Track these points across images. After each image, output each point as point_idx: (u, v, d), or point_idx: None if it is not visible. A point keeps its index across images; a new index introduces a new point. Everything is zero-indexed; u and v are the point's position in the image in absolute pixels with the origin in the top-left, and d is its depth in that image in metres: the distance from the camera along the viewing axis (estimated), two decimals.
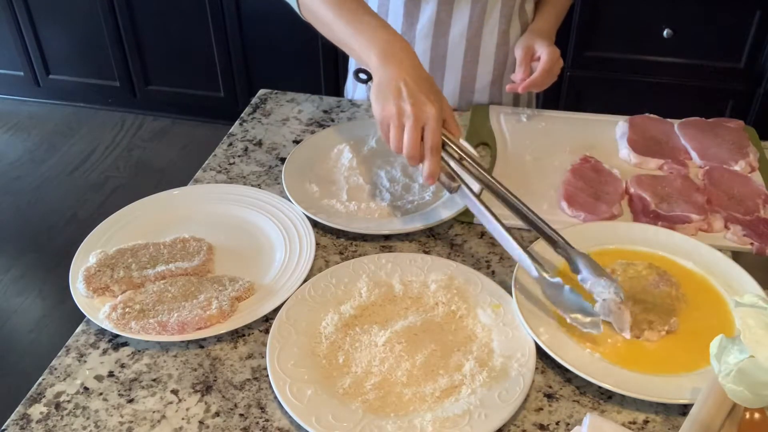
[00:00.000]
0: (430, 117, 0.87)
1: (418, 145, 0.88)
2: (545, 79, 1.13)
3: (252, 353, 0.81)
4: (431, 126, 0.87)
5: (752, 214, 0.98)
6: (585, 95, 2.39)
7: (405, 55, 0.91)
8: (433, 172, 0.88)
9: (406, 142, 0.88)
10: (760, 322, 0.63)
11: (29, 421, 0.74)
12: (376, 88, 0.91)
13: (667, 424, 0.73)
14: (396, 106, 0.88)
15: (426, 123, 0.87)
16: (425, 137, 0.88)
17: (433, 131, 0.87)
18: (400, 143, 0.88)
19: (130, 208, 1.02)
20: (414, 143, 0.87)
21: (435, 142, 0.87)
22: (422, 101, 0.87)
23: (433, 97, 0.88)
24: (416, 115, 0.87)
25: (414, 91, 0.88)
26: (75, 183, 2.82)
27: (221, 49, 2.82)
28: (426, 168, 0.88)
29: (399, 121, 0.88)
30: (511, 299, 0.84)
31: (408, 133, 0.87)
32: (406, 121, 0.87)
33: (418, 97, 0.87)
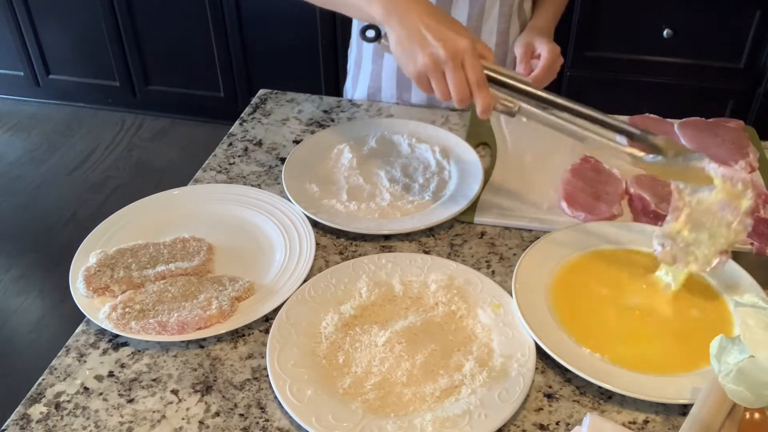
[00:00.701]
0: (467, 51, 0.82)
1: (466, 87, 0.83)
2: (546, 77, 1.13)
3: (252, 353, 0.81)
4: (470, 61, 0.82)
5: (752, 214, 0.98)
6: (585, 95, 2.38)
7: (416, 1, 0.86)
8: (488, 104, 0.84)
9: (454, 88, 0.83)
10: (760, 322, 0.63)
11: (29, 421, 0.74)
12: (397, 44, 0.86)
13: (667, 424, 0.73)
14: (428, 55, 0.83)
15: (464, 59, 0.82)
16: (468, 74, 0.83)
17: (473, 66, 0.82)
18: (447, 91, 0.84)
19: (130, 208, 1.02)
20: (462, 86, 0.83)
21: (480, 75, 0.83)
22: (452, 38, 0.82)
23: (461, 29, 0.84)
24: (452, 56, 0.82)
25: (440, 31, 0.82)
26: (75, 183, 2.82)
27: (221, 49, 2.82)
28: (479, 104, 0.84)
29: (437, 69, 0.83)
30: (511, 299, 0.84)
31: (451, 78, 0.83)
32: (444, 66, 0.83)
33: (446, 36, 0.82)
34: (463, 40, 0.82)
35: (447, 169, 1.09)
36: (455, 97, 0.84)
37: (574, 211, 1.00)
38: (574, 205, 1.00)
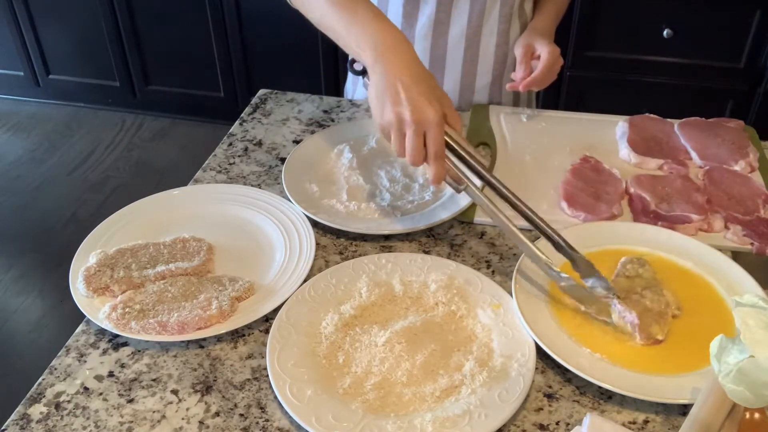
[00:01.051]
0: (432, 123, 0.84)
1: (422, 152, 0.85)
2: (546, 78, 1.13)
3: (252, 353, 0.81)
4: (432, 133, 0.84)
5: (752, 214, 0.98)
6: (585, 95, 2.39)
7: (401, 51, 0.88)
8: (438, 176, 0.86)
9: (409, 151, 0.85)
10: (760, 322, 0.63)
11: (29, 421, 0.74)
12: (373, 90, 0.88)
13: (667, 424, 0.73)
14: (395, 113, 0.84)
15: (428, 129, 0.84)
16: (428, 144, 0.85)
17: (435, 138, 0.84)
18: (403, 150, 0.86)
19: (130, 208, 1.02)
20: (416, 151, 0.85)
21: (438, 148, 0.85)
22: (422, 107, 0.84)
23: (434, 98, 0.85)
24: (417, 123, 0.84)
25: (413, 95, 0.84)
26: (75, 183, 2.82)
27: (221, 49, 2.82)
28: (431, 174, 0.86)
29: (399, 129, 0.85)
30: (511, 299, 0.84)
31: (410, 141, 0.85)
32: (407, 129, 0.84)
33: (417, 103, 0.84)
34: (432, 111, 0.83)
35: None
36: (409, 159, 0.86)
37: (574, 211, 1.00)
38: (574, 205, 1.00)
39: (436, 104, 0.85)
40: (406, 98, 0.84)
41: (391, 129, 0.86)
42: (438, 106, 0.85)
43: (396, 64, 0.86)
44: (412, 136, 0.84)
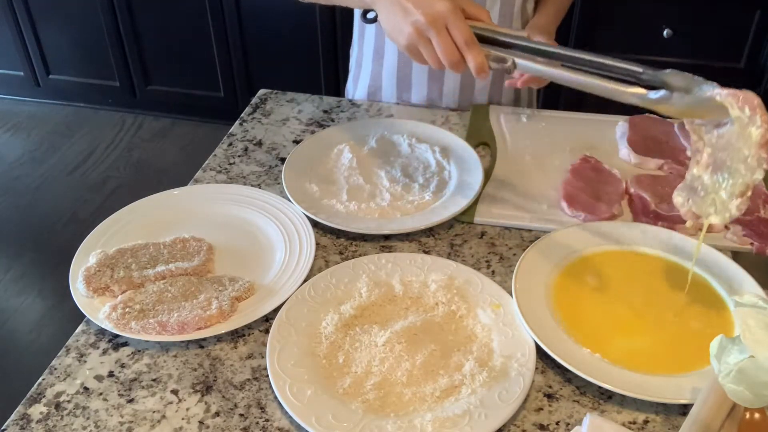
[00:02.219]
0: (446, 14, 0.81)
1: (455, 49, 0.82)
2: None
3: (252, 353, 0.81)
4: (453, 22, 0.81)
5: (752, 214, 0.98)
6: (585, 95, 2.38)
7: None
8: (480, 64, 0.82)
9: (441, 53, 0.82)
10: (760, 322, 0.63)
11: (29, 421, 0.74)
12: (386, 21, 0.85)
13: (667, 424, 0.73)
14: (410, 25, 0.82)
15: (447, 21, 0.81)
16: (454, 36, 0.81)
17: (458, 27, 0.81)
18: (437, 58, 0.83)
19: (130, 208, 1.02)
20: (448, 50, 0.81)
21: (466, 34, 0.81)
22: (428, 3, 0.81)
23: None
24: (432, 21, 0.81)
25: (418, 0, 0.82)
26: (75, 183, 2.82)
27: (221, 49, 2.82)
28: (471, 63, 0.82)
29: (422, 37, 0.82)
30: (511, 299, 0.84)
31: (437, 43, 0.82)
32: (428, 33, 0.82)
33: (424, 3, 0.81)
34: (440, 3, 0.81)
35: (447, 169, 1.09)
36: (445, 61, 0.83)
37: (574, 211, 1.00)
38: (574, 205, 1.00)
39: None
40: (412, 4, 0.82)
41: (416, 43, 0.84)
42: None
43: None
44: (436, 36, 0.82)
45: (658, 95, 0.74)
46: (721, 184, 0.74)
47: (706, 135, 0.74)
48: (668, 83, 0.74)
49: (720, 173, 0.74)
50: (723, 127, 0.72)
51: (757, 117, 0.69)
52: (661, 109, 0.75)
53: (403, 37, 0.84)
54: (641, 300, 0.85)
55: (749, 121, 0.70)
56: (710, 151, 0.75)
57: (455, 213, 0.99)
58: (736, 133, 0.71)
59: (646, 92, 0.74)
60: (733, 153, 0.72)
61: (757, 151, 0.70)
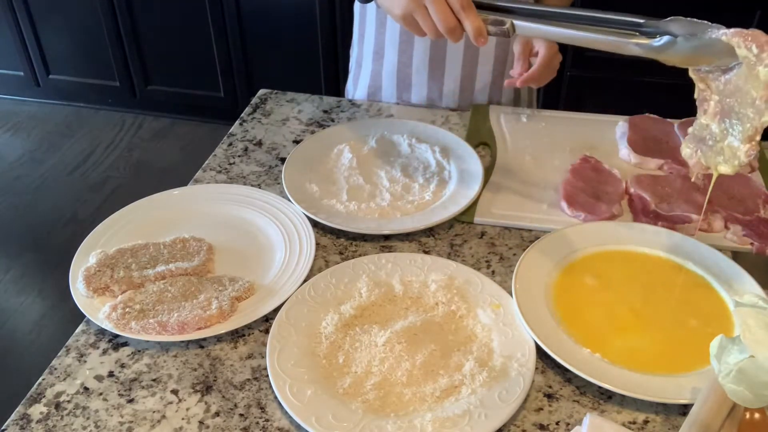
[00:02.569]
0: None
1: (451, 15, 0.82)
2: (543, 74, 1.13)
3: (252, 353, 0.81)
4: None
5: (752, 214, 0.98)
6: (585, 95, 2.39)
7: None
8: (478, 28, 0.82)
9: (437, 19, 0.82)
10: (760, 322, 0.63)
11: (29, 421, 0.74)
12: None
13: (667, 424, 0.73)
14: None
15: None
16: (449, 1, 0.81)
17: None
18: (433, 25, 0.83)
19: (130, 208, 1.02)
20: (444, 15, 0.81)
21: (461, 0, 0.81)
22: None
23: None
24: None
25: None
26: (75, 183, 2.82)
27: (221, 49, 2.82)
28: (469, 28, 0.82)
29: (418, 5, 0.83)
30: (511, 299, 0.84)
31: (433, 10, 0.82)
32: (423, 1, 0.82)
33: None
34: None
35: (447, 169, 1.09)
36: (442, 27, 0.82)
37: (574, 211, 1.00)
38: (574, 205, 1.00)
39: None
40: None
41: (411, 12, 0.83)
42: None
43: None
44: (431, 2, 0.82)
45: (661, 42, 0.72)
46: (729, 131, 0.72)
47: (713, 82, 0.72)
48: (671, 31, 0.72)
49: (728, 120, 0.71)
50: (730, 72, 0.70)
51: (765, 54, 0.67)
52: (666, 58, 0.73)
53: (399, 6, 0.84)
54: (641, 300, 0.85)
55: (757, 60, 0.67)
56: (717, 98, 0.72)
57: (455, 213, 0.99)
58: (743, 75, 0.68)
59: (649, 41, 0.72)
60: (741, 97, 0.70)
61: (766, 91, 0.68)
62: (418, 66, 1.26)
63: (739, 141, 0.71)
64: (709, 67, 0.72)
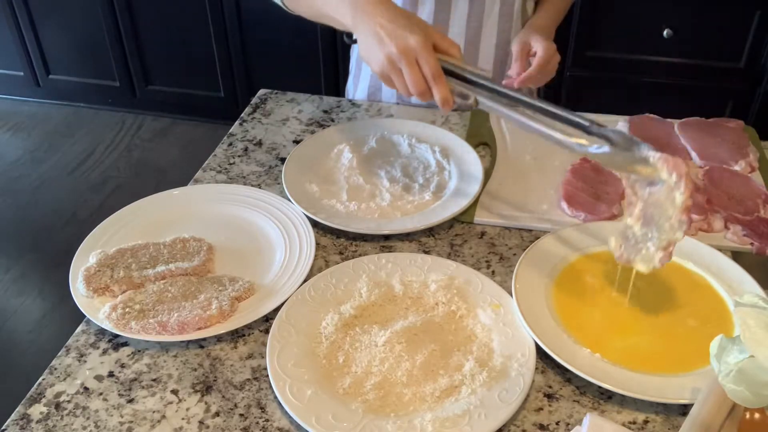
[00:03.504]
0: (417, 47, 0.85)
1: (423, 81, 0.86)
2: (541, 75, 1.13)
3: (252, 353, 0.81)
4: (423, 56, 0.85)
5: (752, 214, 0.98)
6: (585, 95, 2.39)
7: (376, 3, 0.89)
8: (445, 97, 0.86)
9: (410, 83, 0.86)
10: (760, 322, 0.63)
11: (29, 421, 0.74)
12: (360, 46, 0.89)
13: (667, 424, 0.73)
14: (383, 54, 0.86)
15: (417, 54, 0.85)
16: (422, 68, 0.86)
17: (426, 60, 0.85)
18: (406, 87, 0.87)
19: (130, 208, 1.02)
20: (416, 82, 0.86)
21: (434, 69, 0.85)
22: (403, 35, 0.85)
23: (415, 27, 0.86)
24: (403, 52, 0.85)
25: (392, 30, 0.86)
26: (75, 183, 2.82)
27: (221, 49, 2.82)
28: (437, 96, 0.86)
29: (394, 67, 0.87)
30: (511, 299, 0.84)
31: (407, 74, 0.86)
32: (399, 64, 0.86)
33: (398, 34, 0.85)
34: (413, 37, 0.85)
35: (447, 169, 1.09)
36: (413, 90, 0.87)
37: (574, 211, 1.00)
38: (574, 205, 1.00)
39: (418, 31, 0.86)
40: (386, 35, 0.86)
41: (387, 71, 0.87)
42: (421, 33, 0.86)
43: (371, 12, 0.88)
44: (406, 68, 0.86)
45: (599, 150, 0.79)
46: (649, 236, 0.79)
47: (640, 190, 0.80)
48: (611, 139, 0.79)
49: (649, 227, 0.79)
50: (655, 186, 0.78)
51: (682, 183, 0.75)
52: (602, 161, 0.81)
53: (377, 65, 0.88)
54: (641, 300, 0.85)
55: (675, 186, 0.75)
56: (642, 206, 0.80)
57: (455, 213, 0.99)
58: (665, 193, 0.77)
59: (590, 145, 0.80)
60: (661, 210, 0.78)
61: (679, 215, 0.76)
62: None
63: (655, 247, 0.78)
64: (638, 177, 0.79)
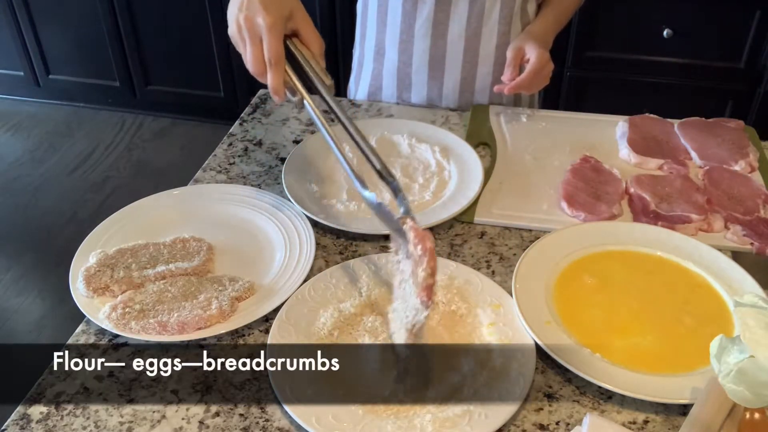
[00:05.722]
0: (263, 29, 0.84)
1: (261, 62, 0.85)
2: (533, 81, 1.13)
3: (252, 353, 0.81)
4: (267, 38, 0.84)
5: (752, 214, 0.98)
6: (585, 95, 2.39)
7: None
8: (276, 86, 0.86)
9: (248, 59, 0.86)
10: (760, 322, 0.63)
11: (29, 421, 0.74)
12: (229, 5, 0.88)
13: (667, 424, 0.73)
14: (235, 21, 0.86)
15: (261, 35, 0.85)
16: (264, 50, 0.85)
17: (268, 44, 0.84)
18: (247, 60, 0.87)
19: (130, 208, 1.02)
20: (254, 59, 0.86)
21: (273, 54, 0.85)
22: (255, 12, 0.84)
23: (274, 8, 0.85)
24: (249, 28, 0.85)
25: (253, 3, 0.85)
26: (75, 183, 2.82)
27: (221, 49, 2.82)
28: (268, 82, 0.86)
29: (241, 38, 0.86)
30: (511, 299, 0.84)
31: (248, 49, 0.86)
32: (244, 35, 0.86)
33: (252, 9, 0.85)
34: (263, 17, 0.84)
35: (447, 169, 1.09)
36: (249, 68, 0.86)
37: (574, 211, 1.00)
38: (574, 205, 1.00)
39: (273, 11, 0.85)
40: (246, 5, 0.85)
41: (237, 40, 0.88)
42: (275, 15, 0.85)
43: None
44: (249, 42, 0.86)
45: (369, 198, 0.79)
46: (400, 313, 0.75)
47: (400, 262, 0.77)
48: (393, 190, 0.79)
49: (402, 302, 0.75)
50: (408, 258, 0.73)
51: (425, 260, 0.69)
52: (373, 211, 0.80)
53: (229, 27, 0.88)
54: (641, 300, 0.85)
55: (419, 261, 0.70)
56: (398, 279, 0.76)
57: (455, 213, 0.99)
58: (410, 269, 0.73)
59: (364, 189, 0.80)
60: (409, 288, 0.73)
61: (420, 293, 0.70)
62: (418, 66, 1.26)
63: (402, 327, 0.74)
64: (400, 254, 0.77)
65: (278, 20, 0.85)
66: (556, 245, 0.92)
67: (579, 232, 0.95)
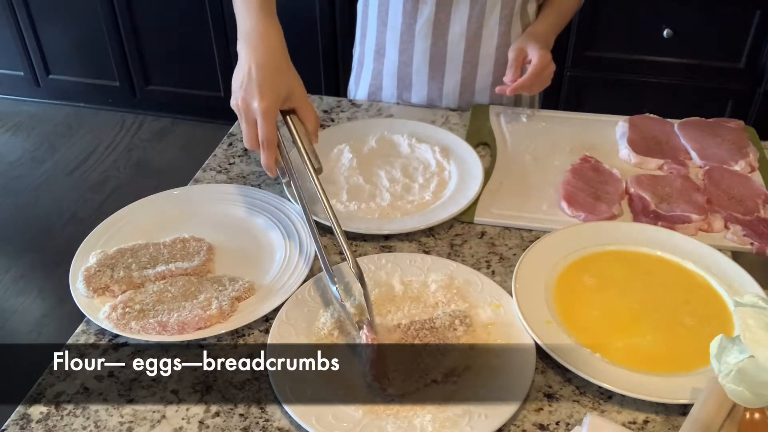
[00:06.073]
0: (257, 113, 0.88)
1: (255, 141, 0.90)
2: (535, 83, 1.13)
3: (252, 353, 0.81)
4: (261, 123, 0.89)
5: (752, 214, 0.98)
6: (585, 95, 2.39)
7: (266, 38, 0.92)
8: (268, 166, 0.91)
9: (244, 136, 0.91)
10: (760, 322, 0.63)
11: (29, 421, 0.74)
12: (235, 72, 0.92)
13: (667, 424, 0.73)
14: (234, 98, 0.91)
15: (256, 118, 0.89)
16: (258, 132, 0.89)
17: (262, 127, 0.89)
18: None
19: (130, 208, 1.02)
20: (249, 138, 0.90)
21: (265, 137, 0.89)
22: (251, 96, 0.89)
23: (272, 90, 0.89)
24: (244, 112, 0.90)
25: (251, 84, 0.89)
26: (75, 183, 2.82)
27: (221, 49, 2.82)
28: (262, 161, 0.91)
29: (238, 113, 0.91)
30: (511, 299, 0.84)
31: (243, 129, 0.91)
32: (240, 116, 0.90)
33: (249, 91, 0.89)
34: (258, 102, 0.89)
35: (447, 169, 1.09)
36: (246, 144, 0.91)
37: (574, 211, 1.00)
38: (574, 205, 1.00)
39: (269, 96, 0.89)
40: (245, 85, 0.90)
41: (237, 112, 0.92)
42: (270, 98, 0.89)
43: (251, 52, 0.92)
44: (244, 122, 0.91)
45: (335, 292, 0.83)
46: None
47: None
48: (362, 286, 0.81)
49: None
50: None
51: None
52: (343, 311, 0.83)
53: (232, 98, 0.92)
54: (641, 300, 0.85)
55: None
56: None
57: (455, 213, 0.99)
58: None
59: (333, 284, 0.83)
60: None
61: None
62: (418, 65, 1.26)
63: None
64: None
65: (273, 105, 0.89)
66: (556, 245, 0.92)
67: (579, 232, 0.95)
